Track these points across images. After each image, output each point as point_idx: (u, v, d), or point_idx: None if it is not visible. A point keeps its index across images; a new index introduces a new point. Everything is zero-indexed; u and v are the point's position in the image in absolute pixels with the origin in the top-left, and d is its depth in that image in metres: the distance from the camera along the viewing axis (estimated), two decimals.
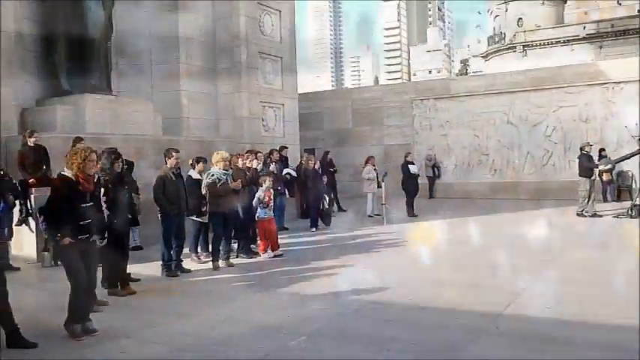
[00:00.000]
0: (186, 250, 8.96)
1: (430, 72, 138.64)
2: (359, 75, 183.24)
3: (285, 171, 13.82)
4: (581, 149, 14.45)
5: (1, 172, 8.68)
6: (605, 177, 16.89)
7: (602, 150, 16.81)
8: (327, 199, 14.09)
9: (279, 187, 12.61)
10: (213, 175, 8.86)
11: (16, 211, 9.04)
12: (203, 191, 8.87)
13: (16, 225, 9.16)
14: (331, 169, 16.57)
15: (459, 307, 6.09)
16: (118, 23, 14.03)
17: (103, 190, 6.54)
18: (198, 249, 9.48)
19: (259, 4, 16.89)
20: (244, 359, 4.78)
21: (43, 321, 5.73)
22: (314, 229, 12.86)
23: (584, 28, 48.77)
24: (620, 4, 54.03)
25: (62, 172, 5.56)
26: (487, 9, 61.12)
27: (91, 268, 5.69)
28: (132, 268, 7.67)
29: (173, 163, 8.37)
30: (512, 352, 4.74)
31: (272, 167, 12.36)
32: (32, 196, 9.24)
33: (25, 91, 12.48)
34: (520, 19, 53.22)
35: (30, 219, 9.14)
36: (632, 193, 16.35)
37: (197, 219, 9.11)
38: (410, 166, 15.17)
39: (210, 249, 9.13)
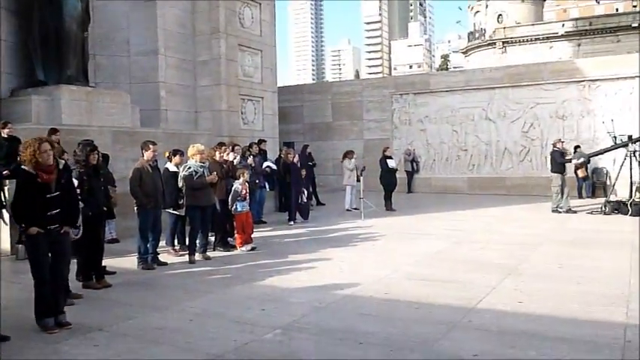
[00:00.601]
0: (162, 243, 8.93)
1: (411, 67, 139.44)
2: (340, 69, 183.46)
3: (264, 164, 13.85)
4: (553, 145, 14.65)
5: None
6: (580, 173, 17.16)
7: (577, 147, 17.09)
8: (306, 192, 14.13)
9: (258, 181, 12.64)
10: (189, 167, 8.84)
11: None
12: (180, 184, 8.85)
13: None
14: (310, 163, 16.56)
15: (432, 302, 6.17)
16: (95, 14, 13.89)
17: (77, 182, 6.49)
18: (175, 242, 9.45)
19: None
20: (218, 352, 4.79)
21: (16, 314, 5.67)
22: (292, 223, 12.88)
23: (563, 25, 49.40)
24: (598, 2, 54.66)
25: (22, 166, 5.52)
26: (468, 5, 61.54)
27: (63, 260, 5.62)
28: (108, 261, 7.64)
29: (150, 155, 8.32)
30: (483, 346, 4.80)
31: (250, 160, 12.38)
32: (6, 188, 9.09)
33: None
34: (500, 15, 53.75)
35: (4, 211, 9.00)
36: (606, 189, 16.63)
37: (174, 212, 9.11)
38: (388, 160, 15.21)
39: (186, 242, 9.10)
